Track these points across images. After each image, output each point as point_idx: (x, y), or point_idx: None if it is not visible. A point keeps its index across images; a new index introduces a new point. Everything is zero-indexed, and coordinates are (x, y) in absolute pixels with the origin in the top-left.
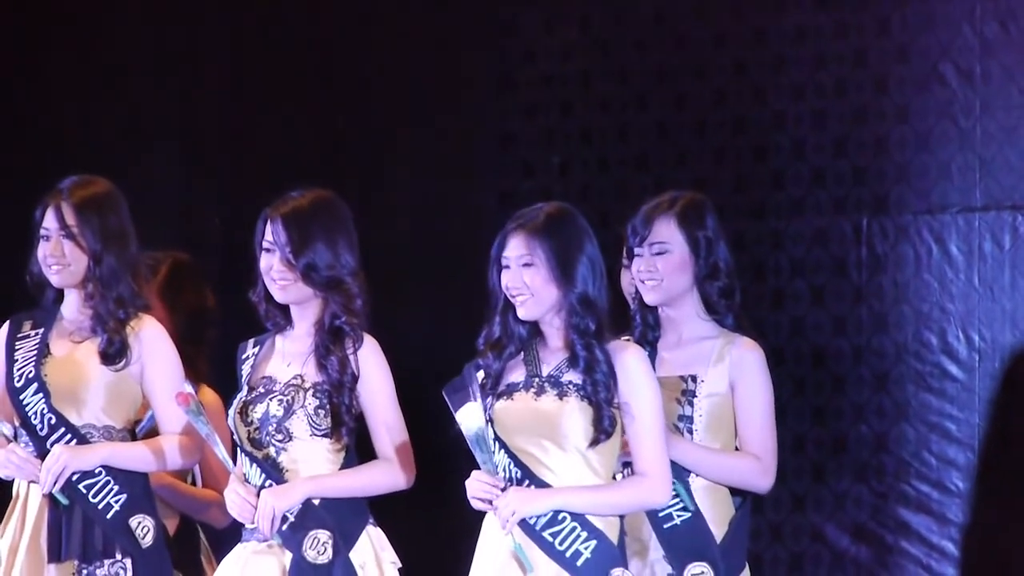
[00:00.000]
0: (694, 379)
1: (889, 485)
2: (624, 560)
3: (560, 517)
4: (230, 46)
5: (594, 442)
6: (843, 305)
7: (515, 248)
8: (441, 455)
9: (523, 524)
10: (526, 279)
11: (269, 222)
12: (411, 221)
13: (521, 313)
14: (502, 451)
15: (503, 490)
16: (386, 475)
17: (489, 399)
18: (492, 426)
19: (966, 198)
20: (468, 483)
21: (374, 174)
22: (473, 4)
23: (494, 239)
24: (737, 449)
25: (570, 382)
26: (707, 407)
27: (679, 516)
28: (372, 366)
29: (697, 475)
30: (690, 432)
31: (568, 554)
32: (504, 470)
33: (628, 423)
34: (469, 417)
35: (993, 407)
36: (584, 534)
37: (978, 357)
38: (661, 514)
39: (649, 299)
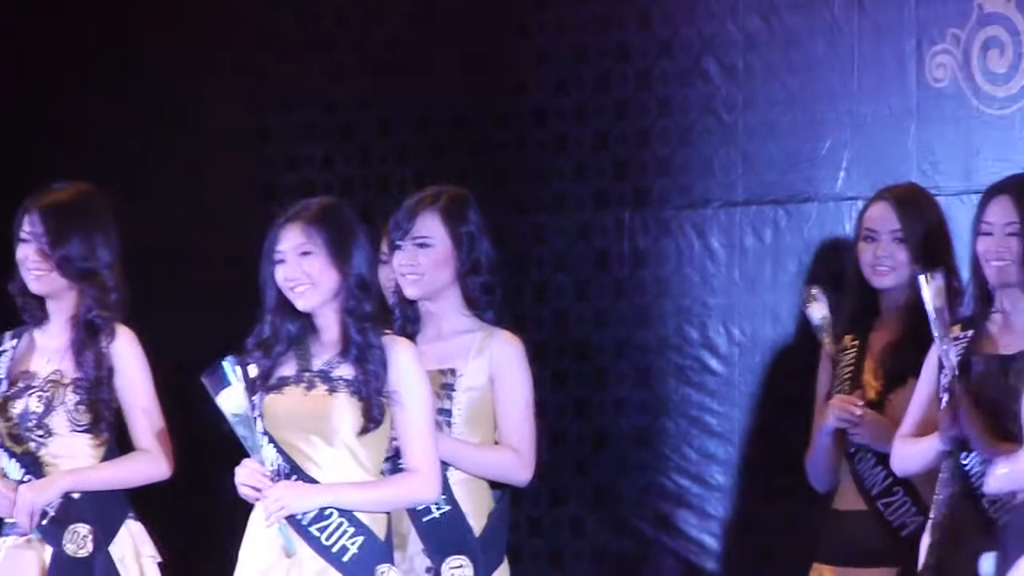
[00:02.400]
0: (453, 373)
1: (650, 479)
2: (391, 556)
3: (327, 513)
4: None
5: (363, 431)
6: (605, 299)
7: (291, 239)
8: (205, 446)
9: (290, 518)
10: (305, 268)
11: (27, 213)
12: (173, 214)
13: (300, 304)
14: (271, 445)
15: (273, 482)
16: (146, 466)
17: (259, 393)
18: (261, 420)
19: (728, 193)
20: (238, 470)
21: (135, 168)
22: (229, 1)
23: (257, 231)
24: (496, 443)
25: (340, 377)
26: (466, 401)
27: (438, 510)
28: (127, 358)
29: (456, 469)
30: (449, 425)
31: (335, 550)
32: (272, 464)
33: (398, 413)
34: (230, 400)
35: (753, 401)
36: (351, 530)
37: (738, 351)
38: (420, 507)
39: (410, 293)
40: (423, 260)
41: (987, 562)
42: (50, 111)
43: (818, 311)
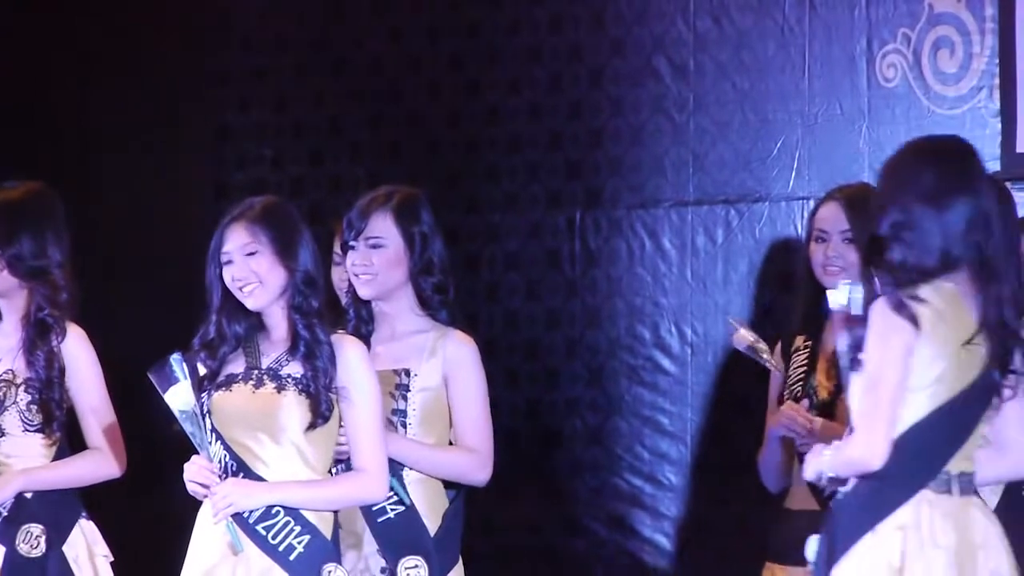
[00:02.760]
0: (407, 373)
1: (602, 479)
2: (338, 555)
3: (274, 511)
4: None
5: (311, 426)
6: (556, 299)
7: (237, 239)
8: (155, 445)
9: (236, 516)
10: (253, 267)
11: None
12: (124, 212)
13: (250, 304)
14: (218, 442)
15: (221, 479)
16: (98, 465)
17: (207, 391)
18: (210, 417)
19: (679, 192)
20: (186, 467)
21: (87, 167)
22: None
23: (209, 231)
24: (451, 443)
25: (289, 375)
26: (420, 401)
27: (392, 510)
28: (78, 358)
29: (412, 470)
30: (404, 426)
31: (281, 548)
32: (220, 462)
33: (346, 410)
34: (177, 397)
35: (705, 401)
36: (297, 528)
37: (691, 351)
38: (375, 508)
39: (363, 293)
40: (376, 260)
41: (812, 545)
42: (4, 108)
43: (743, 339)
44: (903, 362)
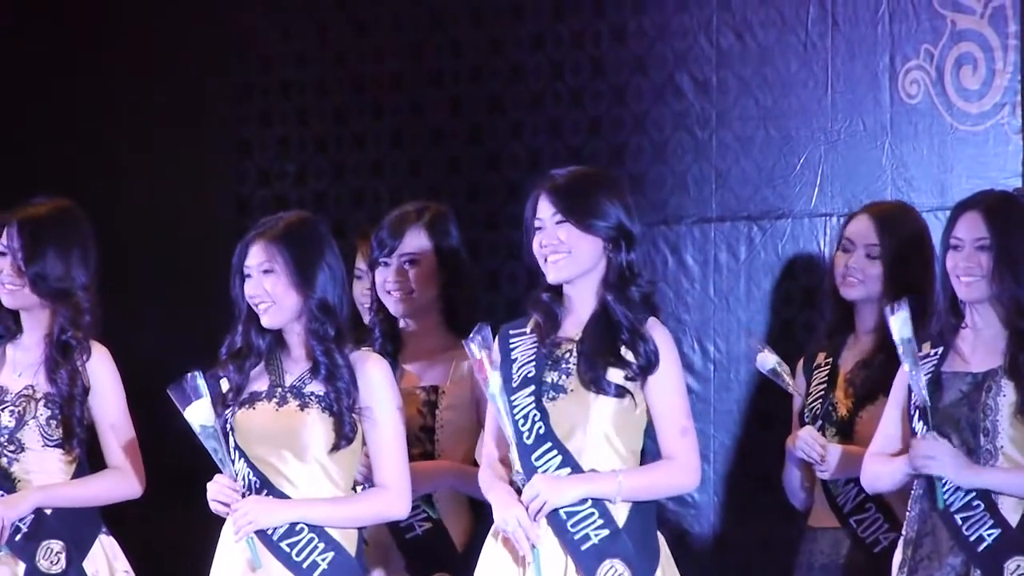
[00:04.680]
0: (436, 390)
1: None
2: (361, 571)
3: (298, 528)
4: None
5: (334, 448)
6: None
7: (255, 256)
8: (177, 464)
9: (260, 533)
10: (267, 286)
11: (6, 226)
12: (149, 229)
13: (265, 321)
14: (241, 460)
15: (243, 496)
16: (117, 484)
17: (231, 408)
18: (233, 435)
19: (701, 209)
20: (209, 485)
21: (113, 182)
22: (209, 12)
23: (231, 246)
24: (475, 461)
25: (312, 393)
26: (448, 419)
27: (420, 526)
28: (102, 377)
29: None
30: (432, 443)
31: (305, 565)
32: (243, 479)
33: (369, 430)
34: (197, 413)
35: (728, 418)
36: (321, 545)
37: (713, 368)
38: (402, 524)
39: (396, 310)
40: (412, 277)
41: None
42: (31, 123)
43: (766, 361)
44: None
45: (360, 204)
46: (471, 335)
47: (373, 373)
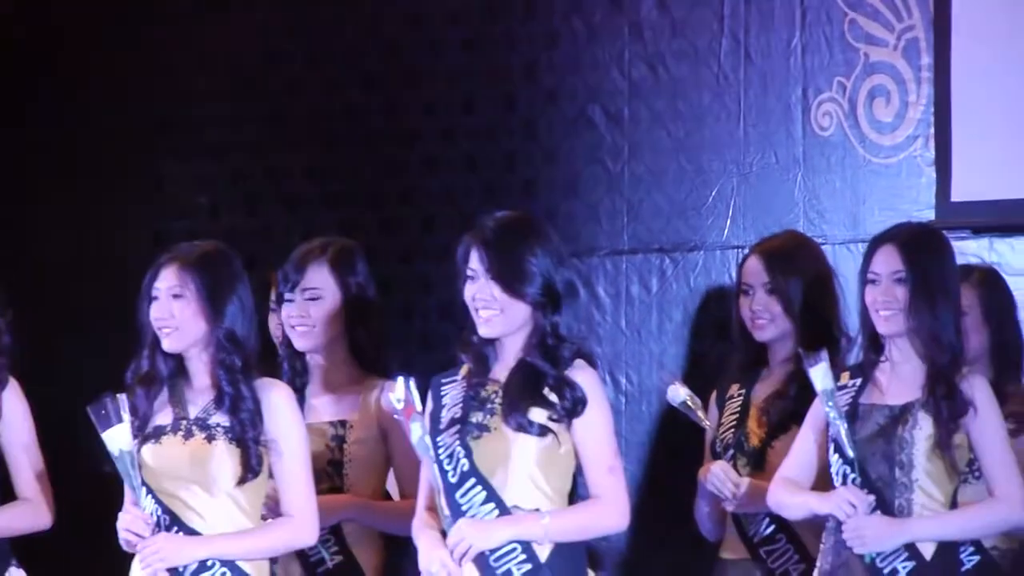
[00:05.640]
0: (343, 425)
1: None
2: None
3: (209, 564)
4: None
5: (241, 481)
6: None
7: (166, 279)
8: (91, 496)
9: (171, 571)
10: (175, 310)
11: None
12: (64, 260)
13: (166, 345)
14: (149, 496)
15: (154, 532)
16: (26, 515)
17: (135, 443)
18: (140, 471)
19: (613, 241)
20: (121, 515)
21: (28, 214)
22: (132, 44)
23: (143, 278)
24: (387, 495)
25: (218, 424)
26: (356, 453)
27: (332, 560)
28: (14, 409)
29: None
30: (340, 477)
31: None
32: (152, 515)
33: (275, 460)
34: (117, 438)
35: (640, 450)
36: None
37: (625, 400)
38: (313, 557)
39: (300, 345)
40: (313, 312)
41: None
42: None
43: (678, 393)
44: None
45: (272, 238)
46: (386, 387)
47: (278, 403)
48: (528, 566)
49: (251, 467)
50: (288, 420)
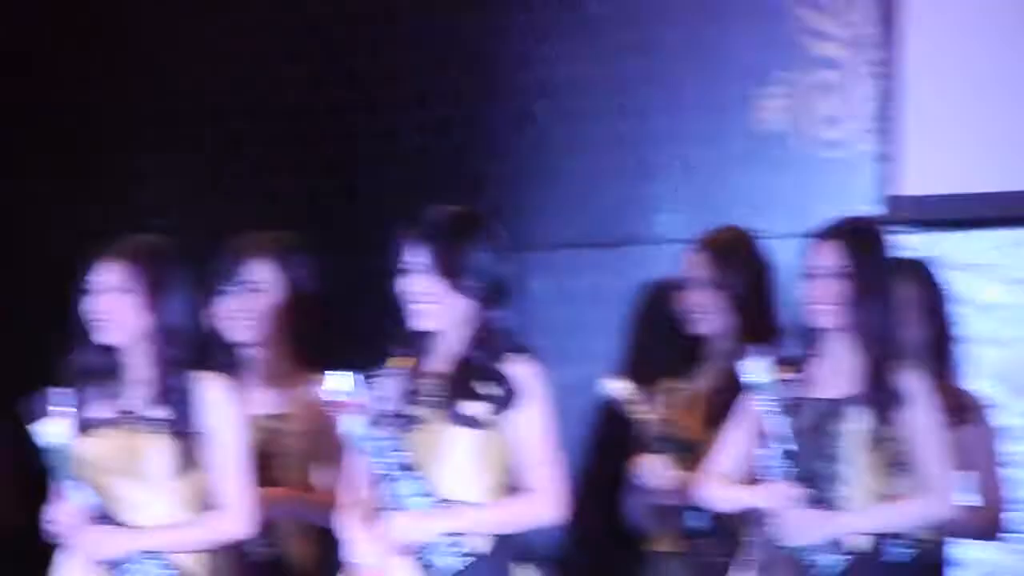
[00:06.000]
0: (282, 418)
1: None
2: None
3: (142, 556)
4: None
5: (179, 472)
6: None
7: (105, 272)
8: (18, 489)
9: (103, 563)
10: (113, 303)
11: None
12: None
13: (100, 337)
14: (84, 489)
15: (85, 524)
16: None
17: (71, 434)
18: (74, 464)
19: (557, 235)
20: (51, 508)
21: None
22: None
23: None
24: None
25: (155, 418)
26: (296, 445)
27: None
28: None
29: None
30: (277, 469)
31: None
32: (83, 508)
33: (210, 451)
34: (52, 431)
35: (577, 444)
36: (167, 573)
37: (563, 395)
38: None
39: (239, 338)
40: (253, 305)
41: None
42: None
43: (615, 387)
44: None
45: (217, 233)
46: (325, 381)
47: (213, 395)
48: (463, 559)
49: (189, 458)
50: (223, 412)
